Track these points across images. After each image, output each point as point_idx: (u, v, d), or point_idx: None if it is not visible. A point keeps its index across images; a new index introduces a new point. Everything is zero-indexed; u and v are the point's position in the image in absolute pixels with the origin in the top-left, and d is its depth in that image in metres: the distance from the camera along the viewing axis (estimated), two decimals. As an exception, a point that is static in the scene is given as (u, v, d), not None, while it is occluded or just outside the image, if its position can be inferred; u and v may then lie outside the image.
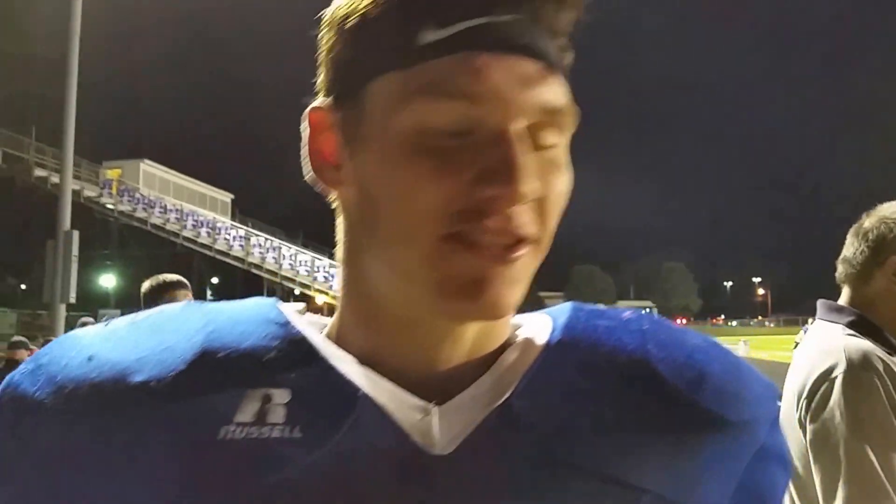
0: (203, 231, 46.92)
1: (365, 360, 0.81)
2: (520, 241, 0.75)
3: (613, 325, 0.90)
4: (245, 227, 48.81)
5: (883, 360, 2.32)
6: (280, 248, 46.28)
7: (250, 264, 45.20)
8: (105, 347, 0.80)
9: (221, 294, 55.73)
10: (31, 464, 0.76)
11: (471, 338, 0.82)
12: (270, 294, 44.19)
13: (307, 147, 0.85)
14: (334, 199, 0.87)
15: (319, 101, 0.84)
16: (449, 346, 0.81)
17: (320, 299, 39.07)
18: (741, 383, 0.89)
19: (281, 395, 0.76)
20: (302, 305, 0.91)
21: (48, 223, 20.18)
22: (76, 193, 37.33)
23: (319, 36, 0.84)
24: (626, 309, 0.97)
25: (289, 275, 44.87)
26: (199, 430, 0.74)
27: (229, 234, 47.31)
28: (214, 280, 55.42)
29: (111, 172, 49.62)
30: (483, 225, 0.74)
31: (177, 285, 5.18)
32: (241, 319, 0.83)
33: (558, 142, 0.78)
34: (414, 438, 0.76)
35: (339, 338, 0.85)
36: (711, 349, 0.91)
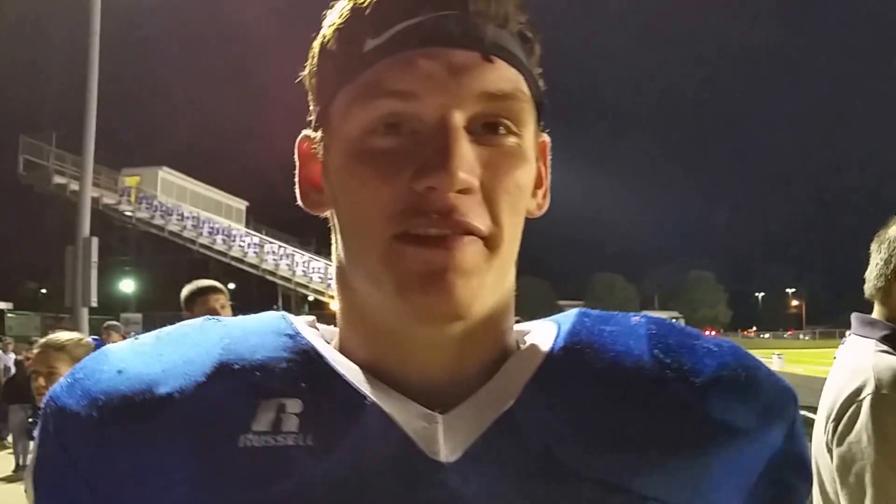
0: (219, 238, 46.95)
1: (368, 369, 0.83)
2: (467, 233, 0.76)
3: (619, 331, 0.89)
4: (259, 235, 48.86)
5: None
6: (293, 255, 46.30)
7: (264, 271, 45.21)
8: (133, 361, 0.84)
9: (237, 299, 55.53)
10: (71, 469, 0.81)
11: (463, 345, 0.82)
12: (285, 300, 43.99)
13: (298, 176, 0.90)
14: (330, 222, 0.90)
15: (307, 131, 0.90)
16: (441, 354, 0.82)
17: (334, 305, 39.05)
18: (753, 389, 0.86)
19: (293, 405, 0.79)
20: (312, 318, 0.95)
21: (68, 229, 20.28)
22: (95, 200, 37.47)
23: (302, 74, 0.89)
24: (636, 314, 0.95)
25: (302, 281, 44.91)
26: (220, 438, 0.77)
27: (244, 242, 47.35)
28: (230, 286, 55.39)
29: (129, 180, 49.68)
30: (427, 219, 0.74)
31: (212, 290, 5.43)
32: (254, 331, 0.87)
33: (515, 133, 0.79)
34: (420, 446, 0.77)
35: (342, 349, 0.87)
36: (725, 354, 0.88)
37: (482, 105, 0.77)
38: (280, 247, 47.10)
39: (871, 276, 2.47)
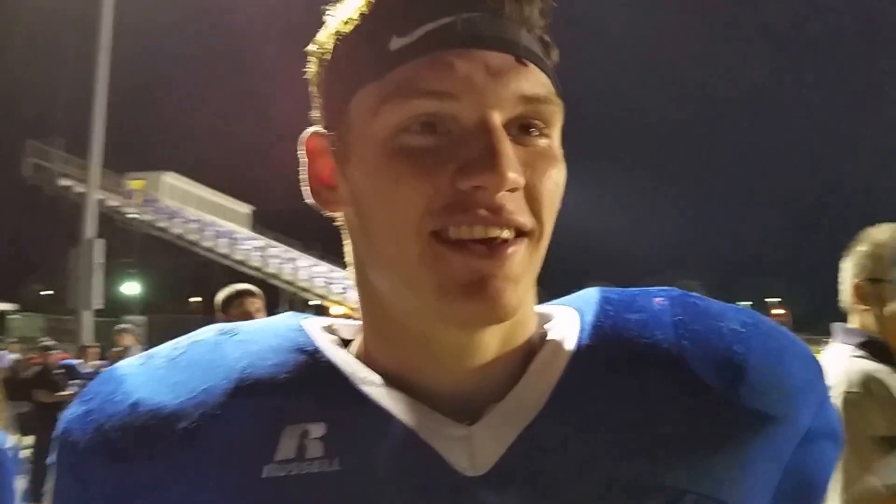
0: (223, 241, 46.96)
1: (392, 378, 0.83)
2: (515, 232, 0.76)
3: (645, 319, 0.88)
4: (263, 239, 48.83)
5: (884, 382, 2.38)
6: (297, 259, 46.29)
7: (268, 274, 45.12)
8: (147, 391, 0.83)
9: (240, 303, 55.57)
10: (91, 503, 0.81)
11: (492, 346, 0.82)
12: (289, 304, 43.92)
13: (306, 172, 0.89)
14: (339, 221, 0.89)
15: (314, 127, 0.88)
16: (471, 357, 0.82)
17: (336, 310, 39.03)
18: (783, 372, 0.86)
19: (317, 429, 0.78)
20: (329, 323, 0.93)
21: (73, 231, 20.30)
22: (100, 203, 37.51)
23: (308, 68, 0.89)
24: (657, 291, 0.94)
25: (305, 286, 44.81)
26: (243, 471, 0.77)
27: (248, 245, 47.32)
28: (234, 289, 55.30)
29: (134, 183, 49.71)
30: (473, 216, 0.74)
31: (248, 293, 5.45)
32: (272, 348, 0.86)
33: (547, 134, 0.80)
34: (448, 461, 0.77)
35: (366, 357, 0.86)
36: (751, 335, 0.87)
37: (520, 107, 0.77)
38: (284, 251, 47.02)
39: (845, 289, 2.64)
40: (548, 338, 0.88)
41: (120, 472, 0.79)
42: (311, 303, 45.52)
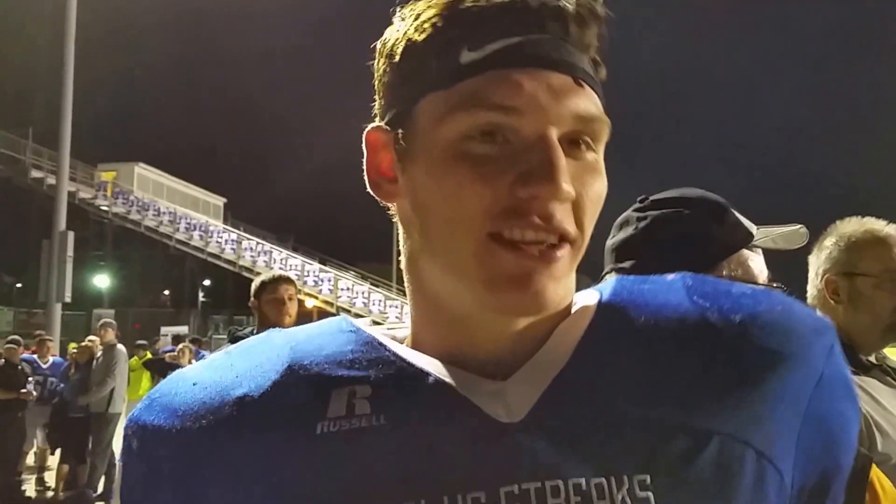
0: (196, 234, 46.63)
1: (438, 354, 0.88)
2: (561, 238, 0.82)
3: (657, 287, 0.95)
4: (237, 231, 48.56)
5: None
6: (271, 251, 46.07)
7: (241, 267, 44.96)
8: (206, 374, 0.90)
9: (213, 295, 55.55)
10: (159, 482, 0.85)
11: (531, 329, 0.87)
12: (261, 296, 44.32)
13: (366, 164, 0.94)
14: (393, 212, 0.95)
15: (376, 122, 0.93)
16: (503, 339, 0.87)
17: (310, 303, 38.96)
18: (792, 318, 0.91)
19: (363, 390, 0.84)
20: (369, 320, 0.99)
21: (44, 223, 20.16)
22: (71, 195, 37.18)
23: (373, 64, 0.93)
24: (670, 274, 0.99)
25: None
26: (297, 429, 0.82)
27: (221, 238, 47.00)
28: (206, 282, 55.24)
29: (106, 175, 49.32)
30: (527, 221, 0.80)
31: (283, 280, 5.52)
32: (318, 333, 0.94)
33: (594, 149, 0.86)
34: (487, 411, 0.82)
35: (414, 342, 0.93)
36: (759, 294, 0.94)
37: (574, 125, 0.83)
38: (258, 243, 46.81)
39: (810, 286, 2.57)
40: (572, 309, 0.93)
41: (184, 442, 0.85)
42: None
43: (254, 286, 5.50)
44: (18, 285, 52.00)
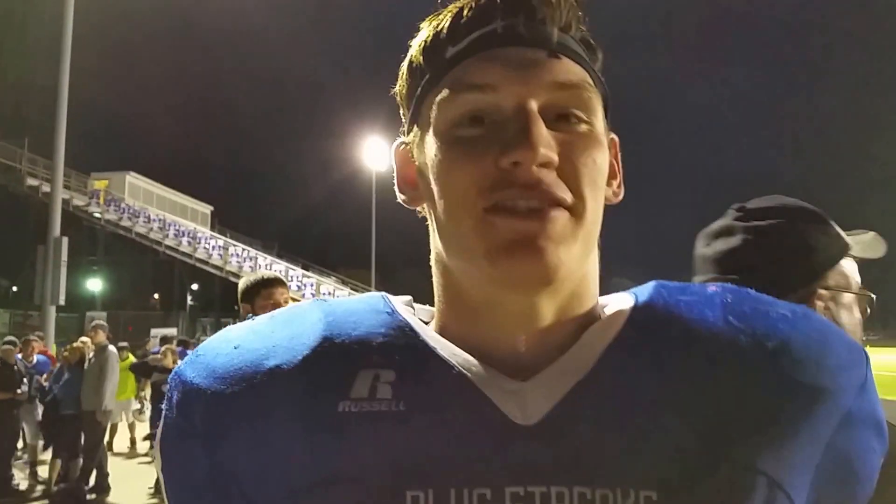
0: (184, 240, 46.39)
1: (462, 343, 0.88)
2: (555, 203, 0.81)
3: (695, 300, 0.91)
4: (224, 238, 48.39)
5: None
6: (256, 257, 45.93)
7: (228, 272, 44.78)
8: (248, 338, 0.92)
9: (201, 299, 55.26)
10: (191, 435, 0.88)
11: (549, 315, 0.86)
12: (246, 300, 44.15)
13: (396, 177, 0.98)
14: (422, 213, 0.97)
15: (401, 138, 0.98)
16: (530, 324, 0.86)
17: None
18: (825, 350, 0.87)
19: (387, 375, 0.84)
20: (408, 298, 1.01)
21: (39, 229, 20.02)
22: (66, 202, 36.89)
23: (397, 85, 0.98)
24: (713, 284, 0.96)
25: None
26: (321, 404, 0.83)
27: (209, 244, 46.80)
28: (194, 286, 54.94)
29: (99, 183, 48.97)
30: (516, 191, 0.80)
31: (278, 282, 4.98)
32: (355, 310, 0.94)
33: (586, 119, 0.86)
34: (504, 410, 0.81)
35: (440, 325, 0.93)
36: (797, 319, 0.90)
37: (553, 94, 0.84)
38: (244, 249, 46.65)
39: None
40: (605, 312, 0.92)
41: (217, 402, 0.86)
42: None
43: (242, 288, 4.98)
44: (14, 289, 51.55)
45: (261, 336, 0.91)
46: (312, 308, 0.95)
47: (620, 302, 0.93)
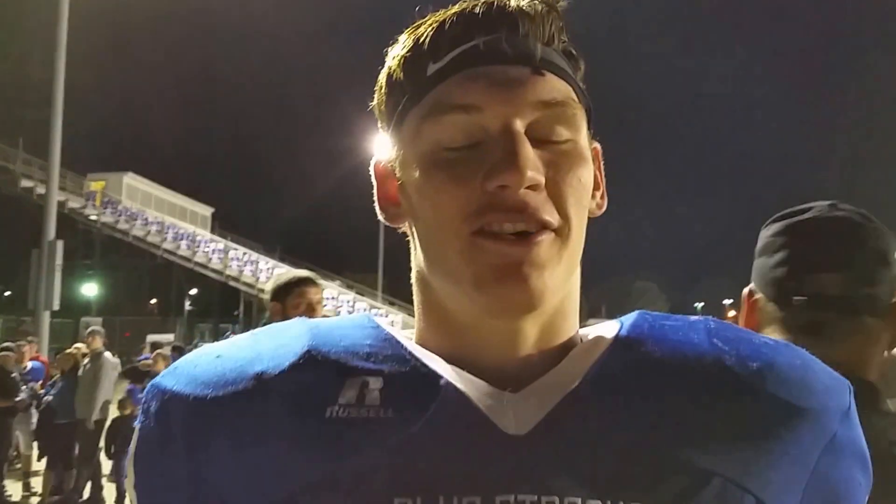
0: (183, 244, 46.46)
1: (446, 359, 0.88)
2: (543, 227, 0.82)
3: (679, 325, 0.94)
4: (224, 241, 48.41)
5: None
6: (258, 261, 45.96)
7: (228, 276, 44.87)
8: (230, 349, 0.91)
9: (200, 304, 55.33)
10: (170, 446, 0.86)
11: (533, 336, 0.88)
12: (247, 306, 43.69)
13: (376, 194, 0.98)
14: (405, 230, 0.97)
15: (381, 154, 0.98)
16: (514, 346, 0.87)
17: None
18: (809, 375, 0.89)
19: (375, 382, 0.84)
20: (391, 319, 0.98)
21: (33, 232, 20.06)
22: (61, 204, 37.00)
23: (374, 98, 0.97)
24: (693, 316, 0.99)
25: (266, 287, 44.57)
26: (309, 410, 0.83)
27: (208, 247, 46.83)
28: (193, 291, 55.02)
29: (95, 185, 49.07)
30: (502, 215, 0.81)
31: (311, 282, 4.86)
32: (340, 325, 0.94)
33: (571, 137, 0.87)
34: (493, 420, 0.81)
35: (420, 343, 0.93)
36: (779, 346, 0.93)
37: (538, 112, 0.85)
38: (244, 253, 46.66)
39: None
40: (590, 334, 0.95)
41: (198, 409, 0.85)
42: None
43: (273, 286, 4.89)
44: (7, 293, 51.68)
45: (244, 347, 0.91)
46: (295, 323, 0.96)
47: (605, 326, 0.96)
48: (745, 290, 1.75)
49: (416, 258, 0.93)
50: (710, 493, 0.79)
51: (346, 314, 1.77)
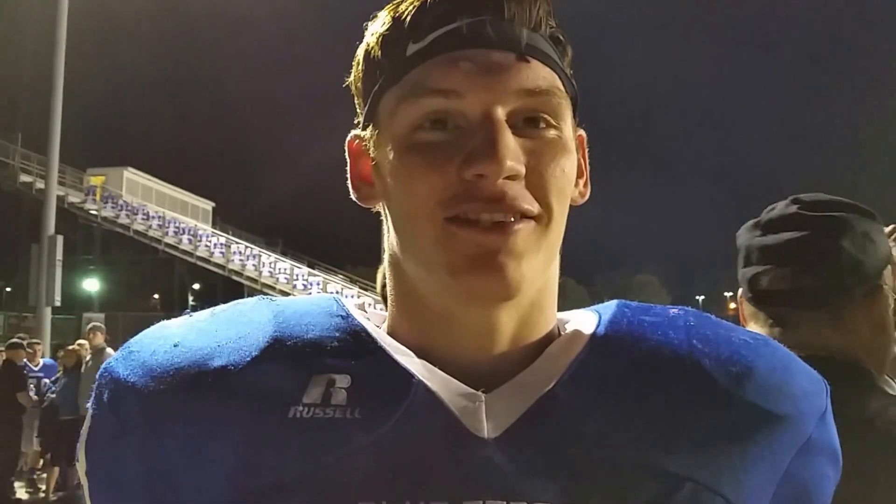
0: (185, 238, 46.41)
1: (417, 352, 0.87)
2: (521, 216, 0.81)
3: (659, 321, 0.93)
4: (226, 235, 48.40)
5: None
6: (260, 255, 45.90)
7: (231, 271, 44.79)
8: (189, 336, 0.88)
9: (202, 300, 55.33)
10: (123, 437, 0.84)
11: (509, 328, 0.87)
12: (250, 300, 44.06)
13: (349, 171, 0.96)
14: (378, 210, 0.95)
15: (355, 130, 0.96)
16: (489, 337, 0.86)
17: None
18: (787, 378, 0.89)
19: (342, 380, 0.82)
20: (361, 302, 1.00)
21: (33, 228, 20.10)
22: (60, 199, 37.01)
23: (348, 79, 0.96)
24: (673, 307, 0.98)
25: (269, 282, 44.54)
26: (270, 409, 0.81)
27: (210, 242, 46.82)
28: (196, 286, 55.05)
29: (95, 179, 49.05)
30: (479, 204, 0.80)
31: None
32: (307, 312, 0.91)
33: (555, 126, 0.85)
34: (464, 422, 0.80)
35: (392, 332, 0.92)
36: (759, 346, 0.92)
37: (521, 101, 0.83)
38: (247, 247, 46.63)
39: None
40: (568, 328, 0.93)
41: (156, 403, 0.83)
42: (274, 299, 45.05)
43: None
44: (8, 289, 51.77)
45: (203, 334, 0.89)
46: (259, 307, 0.93)
47: (583, 319, 0.95)
48: (740, 290, 1.85)
49: (389, 241, 0.92)
50: (682, 497, 0.79)
51: (309, 298, 1.63)
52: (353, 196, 0.96)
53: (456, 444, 0.79)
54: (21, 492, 12.06)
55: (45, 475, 12.14)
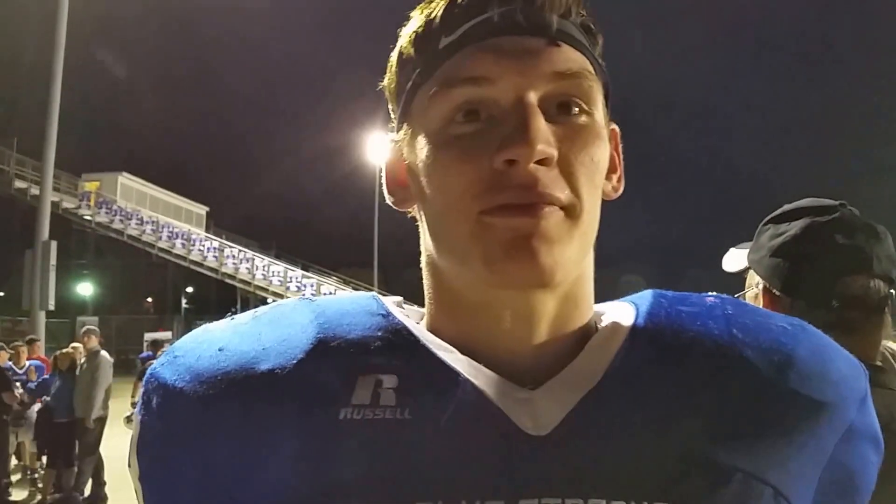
0: (178, 242, 46.30)
1: (458, 348, 0.86)
2: (549, 202, 0.79)
3: (697, 311, 0.92)
4: (219, 239, 48.24)
5: None
6: (253, 259, 45.79)
7: (224, 274, 44.73)
8: (233, 340, 0.88)
9: (196, 303, 55.32)
10: (176, 443, 0.84)
11: (547, 318, 0.86)
12: (244, 303, 43.56)
13: (385, 176, 0.96)
14: (413, 214, 0.95)
15: (391, 135, 0.97)
16: (528, 327, 0.85)
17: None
18: (828, 364, 0.89)
19: (390, 381, 0.82)
20: (399, 298, 0.99)
21: (27, 233, 20.09)
22: (55, 205, 36.93)
23: (385, 78, 0.96)
24: (710, 294, 0.97)
25: (262, 285, 44.46)
26: (321, 412, 0.80)
27: (203, 246, 46.73)
28: (189, 289, 55.03)
29: (89, 185, 48.88)
30: (512, 192, 0.79)
31: None
32: (348, 312, 0.91)
33: (587, 110, 0.84)
34: (513, 420, 0.79)
35: (432, 329, 0.91)
36: (798, 332, 0.91)
37: (553, 84, 0.82)
38: (240, 251, 46.57)
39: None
40: (604, 323, 0.92)
41: (204, 409, 0.83)
42: (268, 301, 45.02)
43: None
44: (2, 294, 51.62)
45: (247, 338, 0.88)
46: (300, 307, 0.93)
47: (620, 311, 0.94)
48: (760, 286, 1.91)
49: (425, 241, 0.91)
50: (731, 488, 0.78)
51: (350, 293, 1.67)
52: (388, 201, 0.96)
53: (508, 442, 0.78)
54: (17, 493, 12.07)
55: (39, 476, 12.15)
